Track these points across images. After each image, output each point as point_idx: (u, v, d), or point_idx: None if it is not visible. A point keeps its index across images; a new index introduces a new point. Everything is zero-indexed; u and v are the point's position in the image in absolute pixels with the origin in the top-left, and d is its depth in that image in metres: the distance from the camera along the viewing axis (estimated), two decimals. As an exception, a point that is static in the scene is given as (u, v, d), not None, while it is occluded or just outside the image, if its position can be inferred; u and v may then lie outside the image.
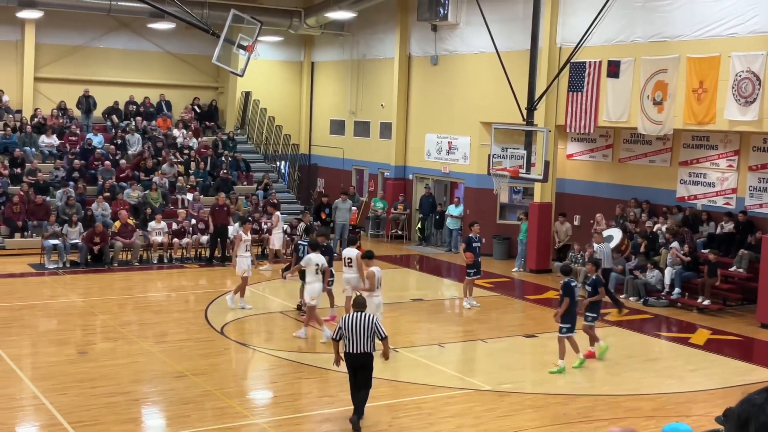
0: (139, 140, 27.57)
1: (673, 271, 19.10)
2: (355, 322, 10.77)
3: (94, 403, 11.49)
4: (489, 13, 21.15)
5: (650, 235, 20.14)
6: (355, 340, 10.73)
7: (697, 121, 18.69)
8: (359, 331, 10.72)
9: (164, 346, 14.50)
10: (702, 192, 20.32)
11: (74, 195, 23.41)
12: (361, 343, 10.74)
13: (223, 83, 31.41)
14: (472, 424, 11.19)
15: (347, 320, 10.84)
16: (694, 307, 18.63)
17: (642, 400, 12.46)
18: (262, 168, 29.55)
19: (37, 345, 14.63)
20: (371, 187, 29.19)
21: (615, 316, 17.80)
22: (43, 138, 26.36)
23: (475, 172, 24.65)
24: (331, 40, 30.70)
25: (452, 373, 13.58)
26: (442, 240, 26.25)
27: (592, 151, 22.87)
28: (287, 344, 14.96)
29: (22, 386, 12.17)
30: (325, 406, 11.84)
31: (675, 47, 19.21)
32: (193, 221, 23.18)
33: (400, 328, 16.08)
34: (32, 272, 20.59)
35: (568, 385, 13.09)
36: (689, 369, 14.35)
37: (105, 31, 29.22)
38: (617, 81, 20.32)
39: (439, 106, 26.27)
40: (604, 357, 14.42)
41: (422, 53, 26.91)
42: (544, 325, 16.72)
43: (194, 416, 11.11)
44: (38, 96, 28.45)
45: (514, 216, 24.70)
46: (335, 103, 31.11)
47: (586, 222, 22.46)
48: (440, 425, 11.15)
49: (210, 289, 19.67)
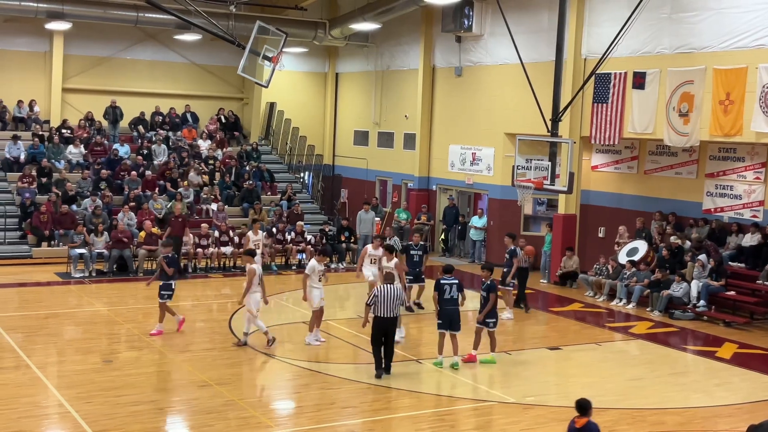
0: (165, 151, 27.79)
1: (700, 284, 18.92)
2: (387, 292, 13.26)
3: (119, 411, 11.56)
4: (514, 25, 21.16)
5: (675, 249, 19.98)
6: (386, 307, 13.24)
7: (723, 132, 18.54)
8: (391, 300, 13.27)
9: (188, 356, 14.56)
10: (729, 204, 20.14)
11: (101, 205, 23.64)
12: (390, 309, 13.28)
13: (248, 94, 31.61)
14: (496, 437, 11.13)
15: (381, 290, 13.31)
16: (720, 320, 18.45)
17: (667, 414, 12.34)
18: (286, 178, 29.67)
19: (62, 353, 14.75)
20: (395, 198, 29.20)
21: (639, 329, 17.68)
22: (71, 148, 26.65)
23: (499, 183, 24.60)
24: (355, 51, 30.80)
25: (476, 385, 13.53)
26: (465, 251, 26.20)
27: (617, 163, 22.74)
28: (310, 354, 14.98)
29: (48, 394, 12.27)
30: (348, 416, 11.83)
31: (701, 58, 19.08)
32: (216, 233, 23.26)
33: (423, 339, 16.06)
34: (58, 281, 20.78)
35: (593, 398, 12.93)
36: (715, 383, 14.20)
37: (132, 42, 29.53)
38: (643, 92, 20.20)
39: (463, 117, 26.25)
40: (489, 362, 14.54)
41: (446, 64, 26.93)
42: (568, 337, 16.63)
43: (218, 426, 11.15)
44: (66, 107, 28.78)
45: (538, 227, 24.60)
46: (359, 113, 31.19)
47: (611, 234, 22.33)
48: (463, 437, 11.10)
49: (234, 298, 19.74)
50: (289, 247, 23.70)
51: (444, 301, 14.10)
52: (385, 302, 13.26)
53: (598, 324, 18.39)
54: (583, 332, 17.57)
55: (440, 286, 14.10)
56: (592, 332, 17.59)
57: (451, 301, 14.13)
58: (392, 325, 13.49)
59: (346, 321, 17.03)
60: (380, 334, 13.39)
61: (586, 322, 18.54)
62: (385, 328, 13.36)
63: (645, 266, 20.02)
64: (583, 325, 18.26)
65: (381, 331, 13.37)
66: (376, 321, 13.36)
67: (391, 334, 13.50)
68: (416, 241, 18.34)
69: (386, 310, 13.28)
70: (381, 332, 13.38)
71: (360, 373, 13.67)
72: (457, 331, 14.24)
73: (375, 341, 13.46)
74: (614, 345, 16.75)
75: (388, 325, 13.38)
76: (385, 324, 13.34)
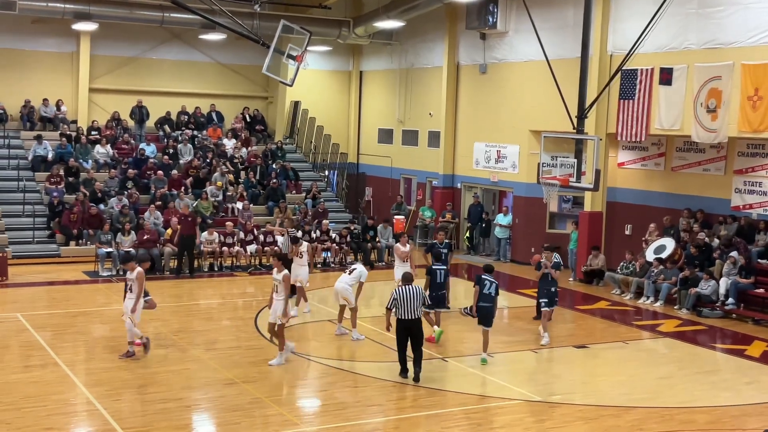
0: (191, 150, 27.95)
1: (729, 281, 18.73)
2: (407, 293, 13.03)
3: (147, 409, 11.65)
4: (539, 21, 21.03)
5: (703, 246, 19.79)
6: (408, 308, 12.99)
7: (752, 129, 18.33)
8: (411, 301, 13.00)
9: (215, 354, 14.64)
10: (758, 201, 19.90)
11: (127, 204, 23.81)
12: (412, 310, 13.01)
13: (272, 93, 31.70)
14: (523, 435, 11.09)
15: (401, 292, 13.07)
16: (749, 318, 18.25)
17: (696, 412, 12.22)
18: (310, 177, 29.73)
19: (91, 351, 14.87)
20: (419, 196, 29.17)
21: (667, 327, 17.54)
22: (98, 148, 26.87)
23: (524, 180, 24.49)
24: (379, 50, 30.79)
25: (502, 383, 13.48)
26: (490, 249, 26.12)
27: (644, 160, 22.56)
28: (336, 352, 15.01)
29: (77, 392, 12.38)
30: (374, 415, 11.83)
31: (729, 54, 18.88)
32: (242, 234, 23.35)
33: (448, 337, 16.02)
34: (86, 279, 20.97)
35: (621, 396, 12.91)
36: (745, 381, 14.05)
37: (158, 42, 29.71)
38: (670, 88, 20.02)
39: (488, 115, 26.16)
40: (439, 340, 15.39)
41: (471, 62, 26.84)
42: (595, 335, 16.52)
43: (244, 423, 11.20)
44: (93, 107, 29.02)
45: (564, 225, 24.47)
46: (383, 111, 31.18)
47: (637, 231, 22.15)
48: (490, 436, 11.07)
49: (259, 297, 19.83)
50: (314, 245, 23.73)
51: (482, 296, 14.34)
52: (405, 304, 13.05)
53: (625, 322, 18.25)
54: (610, 330, 17.46)
55: (481, 281, 14.36)
56: (619, 330, 17.47)
57: (489, 297, 14.36)
58: (416, 327, 13.22)
59: (371, 319, 17.03)
60: (404, 337, 13.19)
61: (613, 320, 18.42)
62: (408, 330, 13.17)
63: (672, 264, 19.85)
64: (609, 323, 18.14)
65: (404, 333, 13.18)
66: (398, 323, 13.20)
67: (417, 336, 13.23)
68: (441, 240, 18.30)
69: (408, 312, 13.06)
70: (405, 335, 13.18)
71: (386, 371, 13.66)
72: (488, 327, 14.45)
73: (400, 344, 13.30)
74: (642, 343, 16.62)
75: (411, 326, 13.16)
76: (407, 326, 13.14)
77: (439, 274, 15.90)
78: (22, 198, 24.34)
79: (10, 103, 27.66)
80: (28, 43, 27.97)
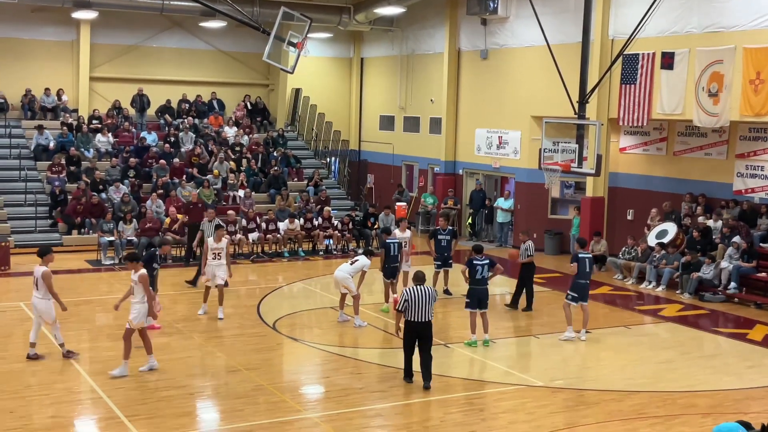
0: (192, 138, 27.93)
1: (731, 265, 18.73)
2: (419, 294, 12.07)
3: (150, 396, 11.68)
4: (540, 6, 20.97)
5: (703, 229, 19.78)
6: (419, 310, 12.05)
7: (754, 112, 18.30)
8: (423, 302, 12.05)
9: (218, 341, 14.68)
10: (760, 185, 19.88)
11: (129, 192, 23.81)
12: (424, 313, 12.07)
13: (273, 80, 31.65)
14: (525, 420, 11.12)
15: (412, 293, 12.09)
16: (751, 302, 18.26)
17: (698, 396, 12.25)
18: (312, 164, 29.72)
19: (94, 339, 14.91)
20: (421, 183, 29.16)
21: (669, 311, 17.56)
22: (99, 136, 26.87)
23: (526, 166, 24.48)
24: (380, 36, 30.72)
25: (504, 368, 13.51)
26: (493, 235, 26.13)
27: (646, 144, 22.52)
28: (339, 339, 15.04)
29: (80, 380, 12.42)
30: (377, 401, 11.87)
31: (731, 38, 18.82)
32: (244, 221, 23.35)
33: (450, 324, 16.05)
34: (89, 268, 21.00)
35: (623, 381, 12.93)
36: (747, 365, 14.07)
37: (158, 30, 29.66)
38: (671, 73, 19.96)
39: (489, 101, 26.11)
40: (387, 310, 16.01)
41: (472, 48, 26.77)
42: (598, 320, 16.54)
43: (248, 410, 11.23)
44: (93, 95, 29.01)
45: (566, 211, 24.47)
46: (385, 98, 31.13)
47: (639, 216, 22.14)
48: (492, 421, 11.10)
49: (261, 284, 19.88)
50: (316, 232, 23.76)
51: (475, 281, 14.35)
52: (416, 305, 12.05)
53: (627, 307, 18.27)
54: (612, 315, 17.48)
55: (473, 266, 14.34)
56: (621, 315, 17.49)
57: (482, 281, 14.39)
58: (426, 330, 12.18)
59: (374, 306, 17.06)
60: (412, 340, 12.22)
61: (616, 305, 18.43)
62: (417, 333, 12.15)
63: (673, 249, 19.85)
64: (612, 308, 18.16)
65: (413, 336, 12.19)
66: (407, 326, 12.19)
67: (427, 340, 12.21)
68: (443, 226, 18.29)
69: (418, 314, 12.07)
70: (413, 337, 12.20)
71: (388, 358, 13.70)
72: (485, 309, 14.49)
73: (407, 347, 12.34)
74: (644, 328, 16.64)
75: (421, 329, 12.13)
76: (417, 329, 12.12)
77: (393, 247, 16.48)
78: (24, 187, 24.38)
79: (11, 93, 27.65)
80: (28, 32, 27.95)
